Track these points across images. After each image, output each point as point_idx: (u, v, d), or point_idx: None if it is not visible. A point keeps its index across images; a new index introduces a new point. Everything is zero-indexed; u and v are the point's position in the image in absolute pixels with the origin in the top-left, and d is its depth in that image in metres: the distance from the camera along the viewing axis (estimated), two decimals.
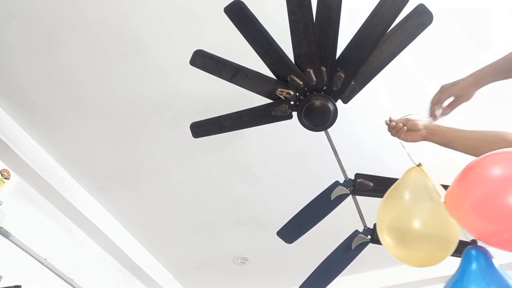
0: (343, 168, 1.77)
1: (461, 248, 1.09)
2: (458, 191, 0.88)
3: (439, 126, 1.16)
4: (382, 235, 1.21)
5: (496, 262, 1.03)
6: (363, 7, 1.69)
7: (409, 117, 1.27)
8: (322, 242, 2.58)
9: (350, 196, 1.79)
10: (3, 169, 2.17)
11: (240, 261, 3.39)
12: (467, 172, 0.90)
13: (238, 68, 1.50)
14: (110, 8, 1.83)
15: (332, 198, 1.77)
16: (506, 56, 1.03)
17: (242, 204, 2.85)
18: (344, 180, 1.78)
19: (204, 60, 1.50)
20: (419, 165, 1.33)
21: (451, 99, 1.15)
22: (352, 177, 1.77)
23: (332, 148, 1.73)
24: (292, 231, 1.94)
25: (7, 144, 2.18)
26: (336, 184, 1.78)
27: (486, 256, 1.05)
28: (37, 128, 2.33)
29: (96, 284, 2.81)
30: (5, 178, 2.16)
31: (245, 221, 2.99)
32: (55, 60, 2.01)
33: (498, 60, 1.04)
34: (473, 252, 1.05)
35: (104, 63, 2.04)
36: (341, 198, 1.78)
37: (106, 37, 1.93)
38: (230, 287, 3.74)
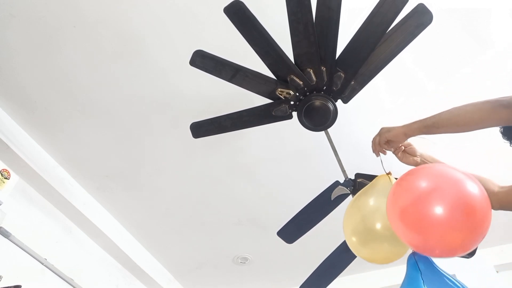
0: (343, 168, 1.77)
1: None
2: (391, 200, 0.97)
3: (433, 159, 1.27)
4: (347, 236, 1.27)
5: (438, 264, 1.09)
6: (363, 7, 1.69)
7: (414, 141, 1.32)
8: (322, 242, 2.58)
9: (350, 196, 1.79)
10: (3, 169, 2.17)
11: (240, 261, 3.39)
12: (399, 182, 0.98)
13: (238, 68, 1.50)
14: (110, 8, 1.83)
15: (332, 198, 1.77)
16: (434, 116, 1.16)
17: (242, 204, 2.85)
18: (344, 180, 1.77)
19: (204, 60, 1.50)
20: (388, 173, 1.40)
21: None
22: (352, 177, 1.77)
23: (332, 148, 1.73)
24: (292, 231, 1.94)
25: (7, 144, 2.18)
26: (336, 184, 1.77)
27: (427, 261, 1.10)
28: (37, 128, 2.33)
29: (96, 284, 2.81)
30: (5, 178, 2.16)
31: (245, 221, 2.99)
32: (55, 60, 2.01)
33: (427, 118, 1.18)
34: (416, 258, 1.11)
35: (104, 63, 2.04)
36: (341, 198, 1.78)
37: (106, 37, 1.93)
38: (230, 287, 3.74)
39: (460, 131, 1.11)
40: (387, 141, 1.29)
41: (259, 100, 1.62)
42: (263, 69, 1.51)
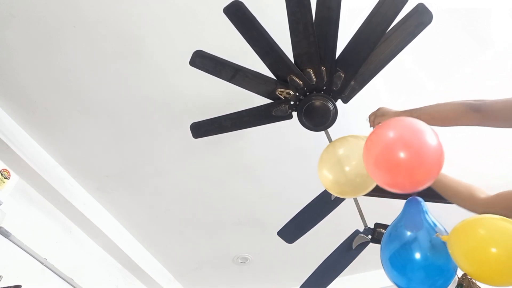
0: None
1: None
2: (366, 147, 1.17)
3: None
4: (322, 176, 1.42)
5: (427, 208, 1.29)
6: (363, 7, 1.69)
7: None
8: (322, 242, 2.58)
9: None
10: (3, 169, 2.17)
11: (240, 261, 3.39)
12: (372, 135, 1.19)
13: (237, 68, 1.50)
14: (110, 8, 1.83)
15: (332, 198, 1.77)
16: (420, 108, 1.30)
17: (242, 204, 2.86)
18: None
19: (203, 61, 1.50)
20: None
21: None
22: None
23: None
24: (292, 231, 1.94)
25: (7, 144, 2.18)
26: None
27: (419, 203, 1.30)
28: (37, 128, 2.33)
29: (96, 284, 2.81)
30: (5, 178, 2.16)
31: (245, 221, 2.99)
32: (55, 60, 2.01)
33: (415, 109, 1.32)
34: (415, 200, 1.31)
35: (104, 63, 2.04)
36: (341, 198, 1.78)
37: (106, 37, 1.93)
38: (230, 287, 3.74)
39: (438, 125, 1.22)
40: (379, 123, 1.43)
41: (259, 100, 1.62)
42: (263, 69, 1.51)
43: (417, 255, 1.15)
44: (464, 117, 1.16)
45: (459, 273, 1.18)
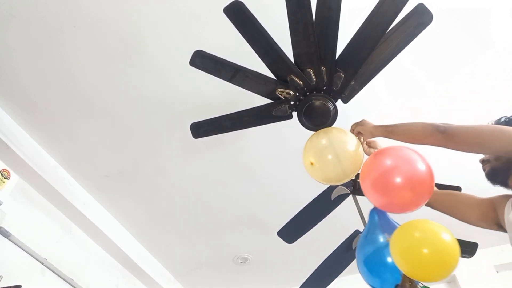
0: None
1: None
2: (365, 171, 1.30)
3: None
4: (307, 162, 1.49)
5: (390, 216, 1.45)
6: (363, 7, 1.69)
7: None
8: (322, 242, 2.58)
9: (350, 196, 1.79)
10: (3, 169, 2.17)
11: (240, 261, 3.39)
12: (371, 159, 1.30)
13: (237, 68, 1.50)
14: (110, 8, 1.83)
15: (332, 198, 1.76)
16: (395, 124, 1.37)
17: (242, 204, 2.86)
18: None
19: (203, 61, 1.50)
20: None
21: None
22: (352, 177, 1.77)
23: None
24: (292, 231, 1.94)
25: (7, 144, 2.18)
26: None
27: (384, 213, 1.44)
28: (37, 128, 2.33)
29: (96, 284, 2.81)
30: (5, 178, 2.16)
31: (245, 221, 2.99)
32: (55, 60, 2.01)
33: (390, 125, 1.39)
34: (375, 211, 1.45)
35: (104, 63, 2.04)
36: (341, 198, 1.78)
37: (106, 37, 1.93)
38: (230, 287, 3.74)
39: (408, 142, 1.31)
40: (358, 132, 1.54)
41: (259, 100, 1.62)
42: (263, 69, 1.51)
43: (389, 258, 1.25)
44: (430, 137, 1.23)
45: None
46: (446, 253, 1.10)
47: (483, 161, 1.39)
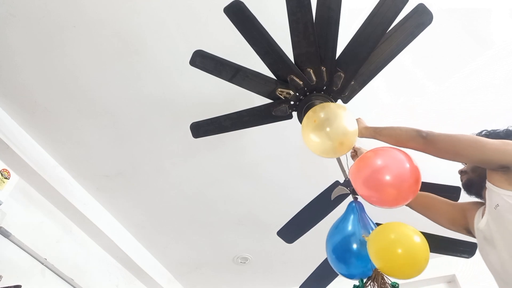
0: (343, 168, 1.76)
1: None
2: (355, 170, 1.36)
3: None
4: (307, 135, 1.50)
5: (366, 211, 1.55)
6: (363, 7, 1.69)
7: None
8: (322, 242, 2.58)
9: (350, 195, 1.79)
10: (3, 169, 2.17)
11: (240, 261, 3.39)
12: (361, 159, 1.37)
13: (238, 68, 1.50)
14: (110, 8, 1.83)
15: (332, 198, 1.76)
16: (384, 127, 1.43)
17: (242, 204, 2.86)
18: (344, 180, 1.77)
19: (204, 61, 1.50)
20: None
21: None
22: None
23: None
24: (292, 231, 1.94)
25: (7, 144, 2.18)
26: (336, 184, 1.77)
27: (361, 207, 1.55)
28: (37, 128, 2.33)
29: (96, 284, 2.81)
30: (5, 178, 2.16)
31: (245, 221, 2.99)
32: (55, 60, 2.01)
33: (379, 127, 1.45)
34: (353, 204, 1.56)
35: (104, 63, 2.04)
36: (341, 198, 1.78)
37: (106, 37, 1.93)
38: (230, 287, 3.74)
39: (393, 144, 1.38)
40: None
41: (260, 99, 1.62)
42: (264, 69, 1.51)
43: (354, 245, 1.39)
44: (412, 141, 1.31)
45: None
46: (417, 254, 1.23)
47: (461, 172, 1.46)
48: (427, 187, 1.61)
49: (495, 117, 2.21)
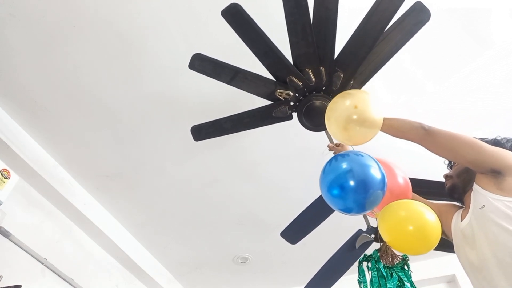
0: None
1: None
2: None
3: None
4: (330, 126, 1.46)
5: None
6: (362, 7, 1.68)
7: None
8: (322, 242, 2.58)
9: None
10: (3, 169, 2.17)
11: (240, 261, 3.39)
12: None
13: (237, 70, 1.50)
14: (111, 8, 1.83)
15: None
16: (386, 118, 1.41)
17: (242, 204, 2.85)
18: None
19: (203, 64, 1.50)
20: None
21: None
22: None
23: None
24: (295, 231, 1.93)
25: (7, 144, 2.18)
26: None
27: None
28: (37, 128, 2.33)
29: (96, 284, 2.81)
30: (5, 178, 2.16)
31: (245, 221, 2.99)
32: (55, 60, 2.02)
33: (390, 118, 1.42)
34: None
35: (104, 63, 2.04)
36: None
37: (106, 37, 1.93)
38: (230, 287, 3.74)
39: (393, 135, 1.40)
40: None
41: (260, 99, 1.62)
42: (264, 69, 1.51)
43: (352, 182, 1.31)
44: (413, 131, 1.33)
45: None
46: (428, 230, 1.27)
47: (446, 177, 1.49)
48: (415, 183, 1.60)
49: (495, 117, 2.21)
